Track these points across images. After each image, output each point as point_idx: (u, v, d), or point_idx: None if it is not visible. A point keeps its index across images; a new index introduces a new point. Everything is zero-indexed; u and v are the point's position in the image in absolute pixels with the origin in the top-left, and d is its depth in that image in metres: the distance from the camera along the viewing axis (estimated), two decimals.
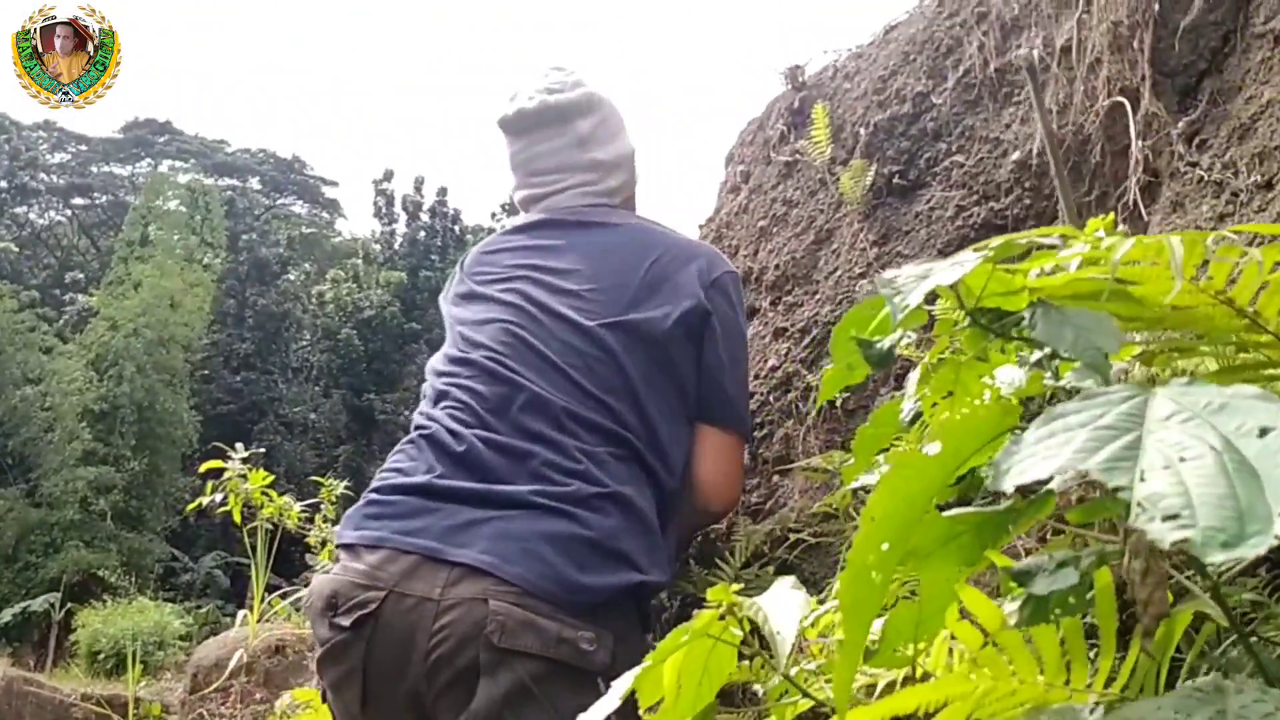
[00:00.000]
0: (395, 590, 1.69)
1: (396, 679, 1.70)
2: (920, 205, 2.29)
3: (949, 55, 2.34)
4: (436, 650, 1.65)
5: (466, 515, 1.73)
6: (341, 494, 6.39)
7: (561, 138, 2.17)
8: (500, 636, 1.61)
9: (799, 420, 2.26)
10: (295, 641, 6.48)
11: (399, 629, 1.68)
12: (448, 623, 1.65)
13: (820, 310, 2.33)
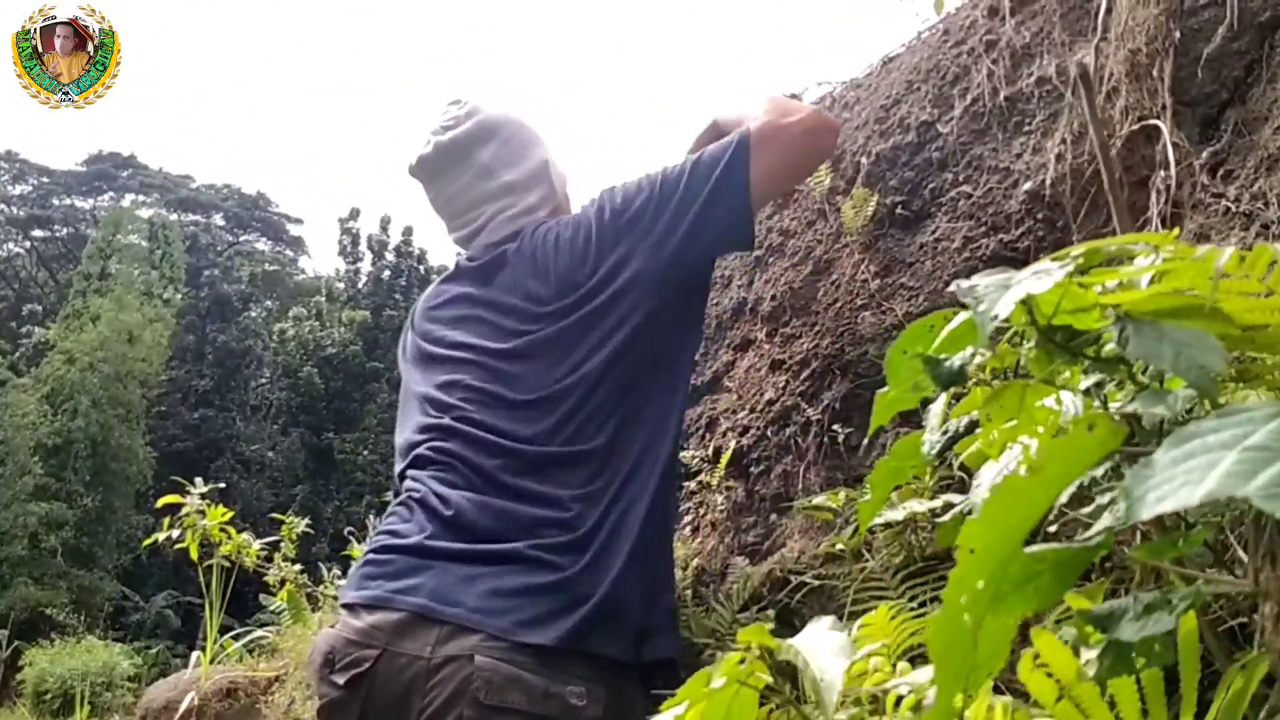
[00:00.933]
0: (389, 649, 1.70)
1: None
2: (925, 236, 2.21)
3: (956, 83, 2.27)
4: (428, 710, 1.65)
5: (459, 573, 1.74)
6: (302, 532, 6.24)
7: (467, 173, 2.17)
8: (486, 693, 1.61)
9: (798, 456, 2.16)
10: (247, 684, 6.29)
11: (393, 689, 1.69)
12: (438, 681, 1.65)
13: (820, 343, 2.24)
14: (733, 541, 2.18)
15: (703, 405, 2.46)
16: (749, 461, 2.25)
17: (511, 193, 2.16)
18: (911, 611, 1.64)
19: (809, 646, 1.02)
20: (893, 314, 2.15)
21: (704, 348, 2.55)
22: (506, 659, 1.64)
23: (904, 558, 1.83)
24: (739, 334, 2.48)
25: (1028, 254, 2.04)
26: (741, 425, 2.31)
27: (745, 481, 2.24)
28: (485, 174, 2.16)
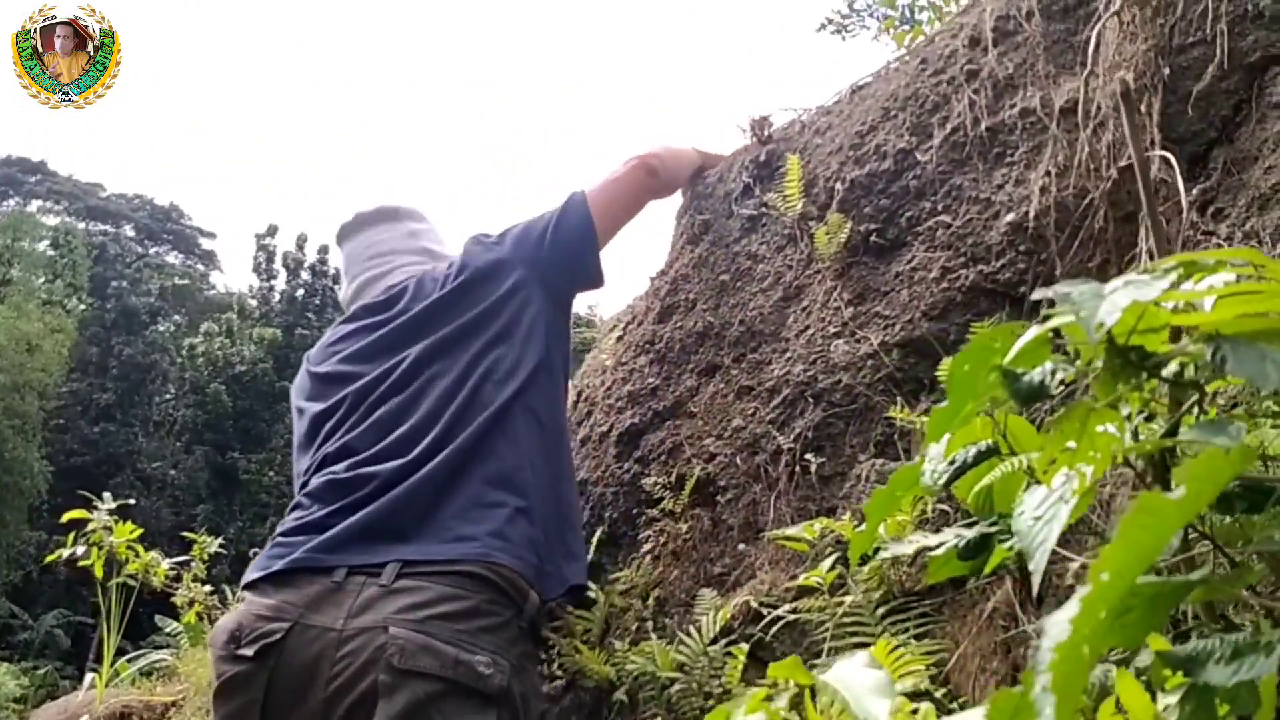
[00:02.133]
0: (300, 622, 1.81)
1: (294, 708, 1.78)
2: (901, 265, 2.17)
3: (935, 112, 2.24)
4: (338, 679, 1.75)
5: (369, 553, 1.89)
6: (215, 552, 6.03)
7: (395, 229, 2.56)
8: (400, 659, 1.73)
9: (768, 485, 2.09)
10: (142, 709, 6.04)
11: (302, 659, 1.78)
12: (349, 651, 1.76)
13: (792, 369, 2.19)
14: (698, 571, 2.11)
15: (664, 430, 2.39)
16: (715, 489, 2.18)
17: (425, 255, 2.52)
18: (907, 648, 1.58)
19: (848, 685, 0.95)
20: (867, 343, 2.11)
21: (666, 372, 2.49)
22: (419, 629, 1.76)
23: (883, 593, 1.78)
24: (704, 359, 2.41)
25: (1008, 286, 2.01)
26: (707, 452, 2.24)
27: (711, 509, 2.17)
28: (411, 235, 2.56)
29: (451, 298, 2.26)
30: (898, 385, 2.05)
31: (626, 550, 2.34)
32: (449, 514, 1.96)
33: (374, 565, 1.87)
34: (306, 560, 1.91)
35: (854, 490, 1.99)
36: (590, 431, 2.60)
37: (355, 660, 1.75)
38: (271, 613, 1.84)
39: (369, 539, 1.92)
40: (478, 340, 2.19)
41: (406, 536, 1.92)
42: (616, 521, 2.39)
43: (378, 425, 2.12)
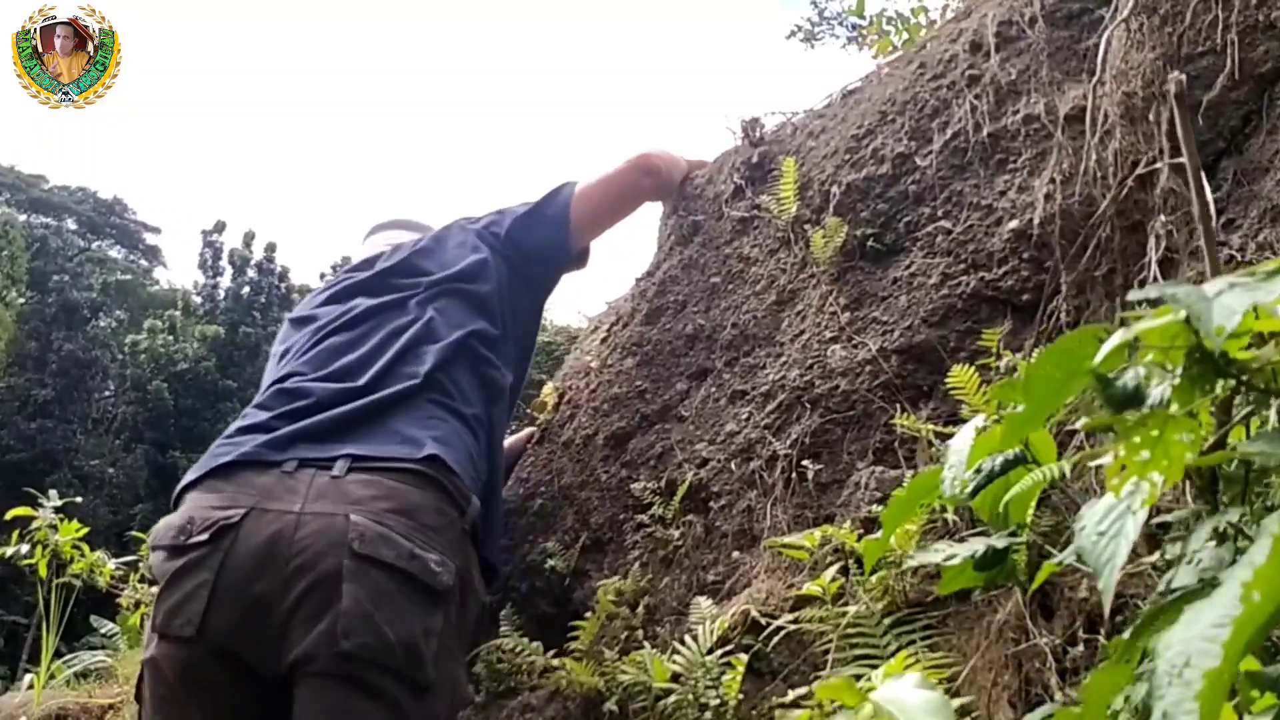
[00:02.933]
0: (256, 507, 1.81)
1: (249, 584, 1.75)
2: (899, 271, 2.14)
3: (935, 117, 2.21)
4: (298, 557, 1.75)
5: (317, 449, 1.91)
6: None
7: (410, 234, 2.62)
8: (360, 544, 1.75)
9: (764, 491, 2.05)
10: (78, 711, 5.88)
11: (259, 539, 1.77)
12: (310, 532, 1.77)
13: (787, 374, 2.15)
14: (691, 579, 2.06)
15: (653, 435, 2.34)
16: (708, 495, 2.14)
17: None
18: (919, 662, 1.55)
19: (902, 706, 0.91)
20: (865, 348, 2.07)
21: (654, 374, 2.44)
22: (377, 520, 1.79)
23: (887, 603, 1.74)
24: (694, 362, 2.37)
25: (1010, 294, 1.99)
26: (699, 457, 2.19)
27: (704, 516, 2.12)
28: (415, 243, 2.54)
29: (417, 256, 2.40)
30: (897, 392, 2.01)
31: (613, 556, 2.29)
32: (395, 423, 2.00)
33: (324, 459, 1.90)
34: (255, 455, 1.92)
35: (852, 498, 1.95)
36: (574, 435, 2.54)
37: (316, 542, 1.76)
38: (225, 502, 1.83)
39: (316, 438, 1.95)
40: (434, 291, 2.28)
41: (353, 437, 1.95)
42: (602, 527, 2.34)
43: (327, 352, 2.19)
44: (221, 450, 1.96)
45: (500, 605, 2.47)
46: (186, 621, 1.73)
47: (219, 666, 1.76)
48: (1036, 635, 1.57)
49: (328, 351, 2.19)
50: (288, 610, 1.74)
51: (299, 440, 1.95)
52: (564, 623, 2.35)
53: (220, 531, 1.78)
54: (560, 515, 2.44)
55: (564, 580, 2.34)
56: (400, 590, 1.77)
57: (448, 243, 2.45)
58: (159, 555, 1.83)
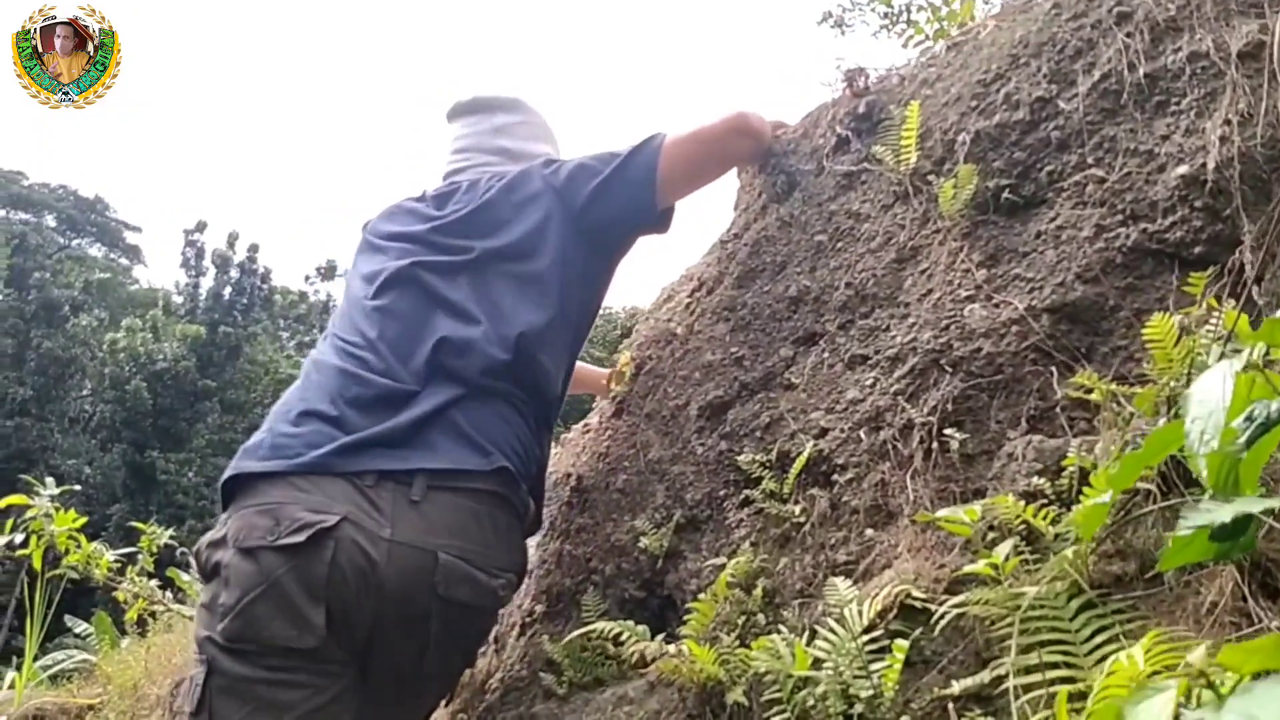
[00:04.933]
0: (348, 519, 1.82)
1: (348, 595, 1.79)
2: (1042, 224, 1.93)
3: (1078, 58, 2.01)
4: (389, 590, 1.82)
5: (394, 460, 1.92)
6: (165, 544, 5.67)
7: (481, 124, 2.55)
8: (444, 587, 1.86)
9: (898, 463, 1.84)
10: (55, 712, 5.65)
11: (357, 553, 1.80)
12: (400, 564, 1.83)
13: (918, 336, 1.94)
14: (816, 559, 1.84)
15: (756, 404, 2.13)
16: (831, 468, 1.92)
17: (501, 155, 2.50)
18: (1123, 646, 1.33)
19: None
20: (1009, 308, 1.87)
21: (755, 340, 2.23)
22: (463, 557, 1.89)
23: (1069, 584, 1.53)
24: (800, 325, 2.16)
25: (1179, 247, 1.79)
26: (817, 426, 1.98)
27: (828, 490, 1.91)
28: (493, 132, 2.53)
29: (477, 213, 2.28)
30: (1048, 355, 1.81)
31: (712, 536, 2.08)
32: (461, 425, 2.00)
33: (401, 473, 1.91)
34: (333, 464, 1.90)
35: (1005, 470, 1.74)
36: (660, 406, 2.33)
37: (403, 577, 1.83)
38: (314, 506, 1.83)
39: (390, 445, 1.94)
40: (485, 266, 2.20)
41: (424, 445, 1.96)
42: (699, 504, 2.12)
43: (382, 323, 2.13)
44: (287, 444, 1.94)
45: (579, 590, 2.26)
46: (304, 634, 1.77)
47: (328, 668, 1.81)
48: (1264, 618, 1.36)
49: (383, 322, 2.14)
50: (376, 631, 1.84)
51: (374, 446, 1.93)
52: (653, 607, 2.14)
53: (318, 536, 1.79)
54: (648, 492, 2.23)
55: (655, 562, 2.13)
56: (473, 620, 1.99)
57: (515, 195, 2.28)
58: (236, 554, 1.81)
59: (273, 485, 1.87)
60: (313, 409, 1.99)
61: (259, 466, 1.91)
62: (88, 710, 5.81)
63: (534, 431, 2.12)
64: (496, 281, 2.17)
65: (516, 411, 2.08)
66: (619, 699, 1.95)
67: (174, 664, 5.67)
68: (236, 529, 1.84)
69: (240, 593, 1.77)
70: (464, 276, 2.17)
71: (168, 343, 29.61)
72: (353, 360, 2.07)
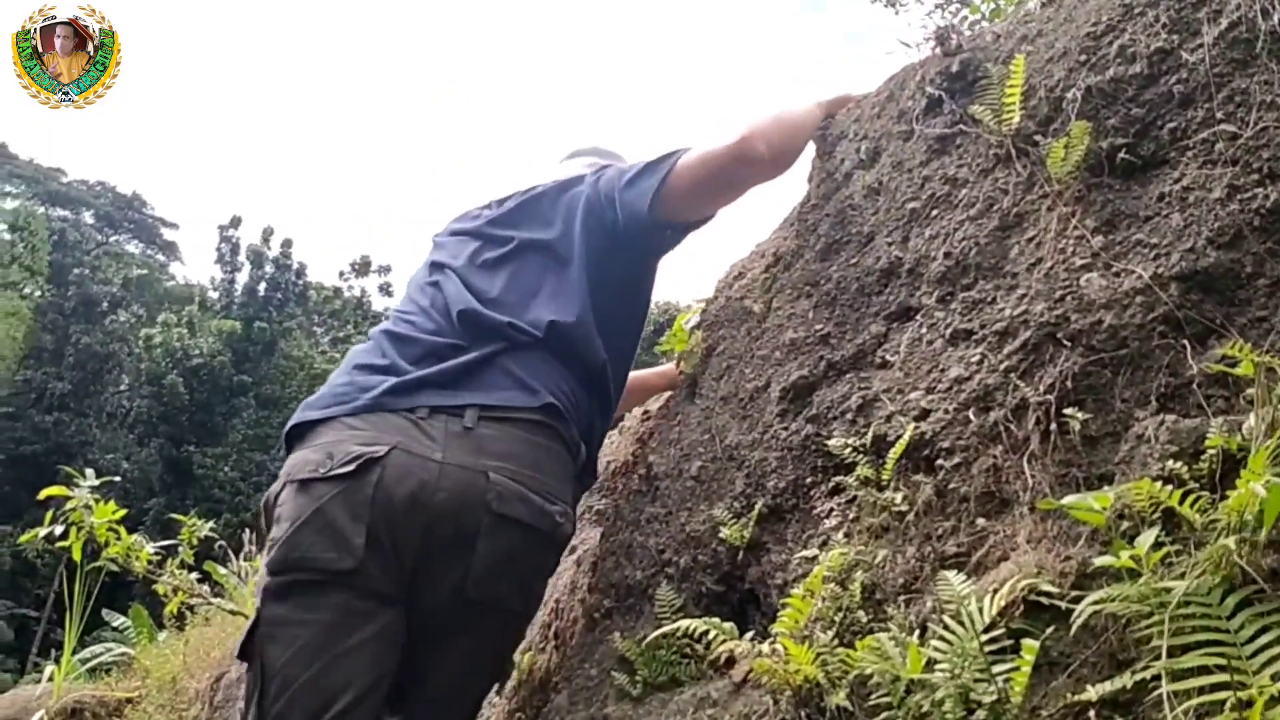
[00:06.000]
0: (399, 447, 1.88)
1: (396, 521, 1.84)
2: (1165, 185, 1.76)
3: (1201, 6, 1.84)
4: (440, 506, 1.85)
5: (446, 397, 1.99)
6: (206, 536, 5.58)
7: (579, 162, 2.62)
8: (498, 503, 1.88)
9: (1012, 446, 1.67)
10: (95, 704, 5.59)
11: (406, 478, 1.86)
12: (450, 484, 1.87)
13: (1030, 308, 1.77)
14: (921, 551, 1.68)
15: (845, 384, 1.97)
16: (935, 452, 1.76)
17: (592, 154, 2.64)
18: None
19: None
20: (1132, 276, 1.70)
21: (842, 316, 2.07)
22: (514, 478, 1.92)
23: (1222, 578, 1.36)
24: (893, 300, 2.00)
25: None
26: (917, 408, 1.82)
27: (932, 476, 1.74)
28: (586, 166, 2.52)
29: (526, 205, 2.36)
30: (1179, 327, 1.64)
31: (798, 526, 1.92)
32: (511, 369, 2.06)
33: (453, 406, 1.97)
34: (383, 402, 1.97)
35: (1135, 453, 1.57)
36: (736, 388, 2.18)
37: (455, 494, 1.86)
38: (366, 439, 1.90)
39: (441, 385, 2.01)
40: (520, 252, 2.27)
41: (475, 385, 2.03)
42: (783, 492, 1.97)
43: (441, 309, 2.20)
44: (344, 391, 2.03)
45: (651, 583, 2.11)
46: (343, 554, 1.81)
47: (370, 597, 1.84)
48: None
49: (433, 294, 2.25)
50: (424, 554, 1.86)
51: (426, 386, 2.01)
52: (733, 602, 1.99)
53: (366, 464, 1.85)
54: (726, 479, 2.08)
55: (736, 554, 1.98)
56: (527, 544, 1.93)
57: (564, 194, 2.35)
58: (291, 486, 1.90)
59: (328, 428, 1.96)
60: (365, 363, 2.10)
61: (317, 414, 2.00)
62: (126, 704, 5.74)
63: (583, 385, 2.16)
64: (532, 271, 2.24)
65: (561, 363, 2.12)
66: (700, 701, 1.80)
67: (213, 658, 5.59)
68: (291, 465, 1.95)
69: (289, 523, 1.85)
70: (506, 266, 2.25)
71: (203, 338, 29.75)
72: (404, 324, 2.18)
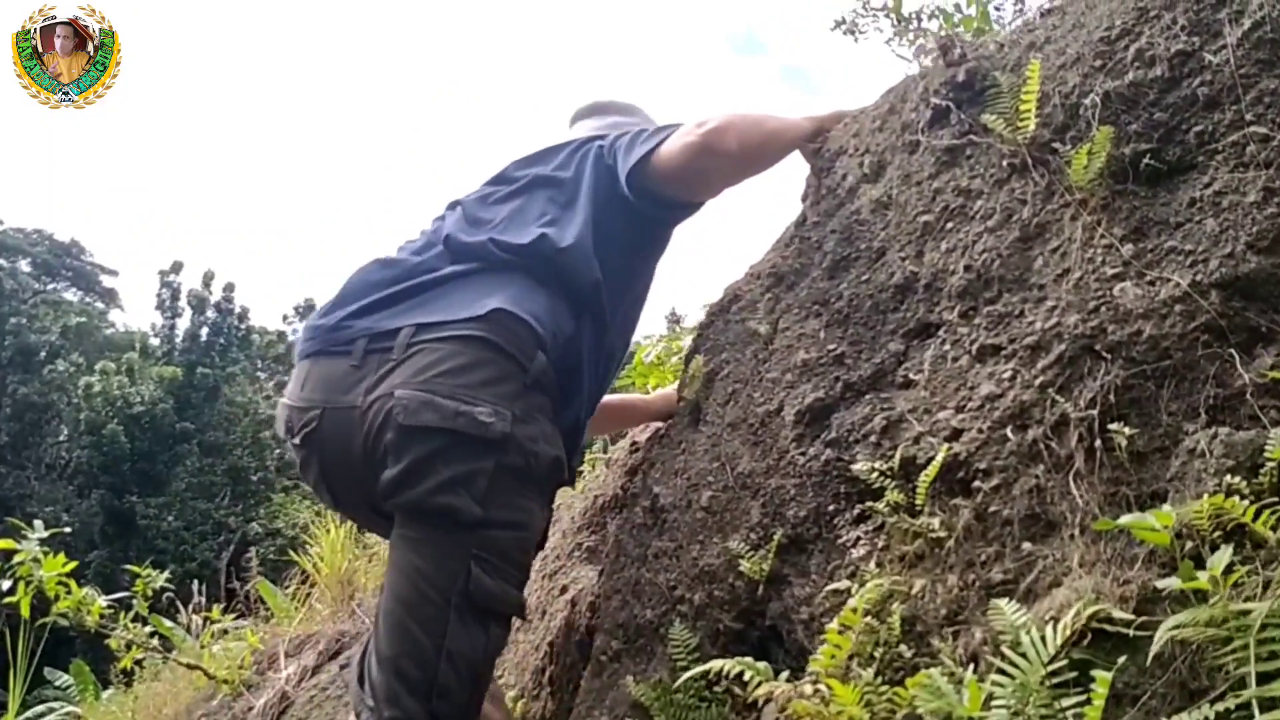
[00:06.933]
0: (328, 407, 2.03)
1: (346, 474, 2.04)
2: (1195, 190, 1.70)
3: (1221, 6, 1.78)
4: (366, 445, 1.96)
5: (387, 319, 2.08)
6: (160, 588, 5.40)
7: (598, 121, 2.62)
8: (404, 416, 1.91)
9: (1055, 465, 1.59)
10: None
11: (336, 438, 2.02)
12: (369, 420, 1.96)
13: (1063, 320, 1.69)
14: (963, 579, 1.59)
15: (865, 405, 1.88)
16: (970, 473, 1.67)
17: None
18: None
19: None
20: (1169, 284, 1.62)
21: (856, 334, 1.98)
22: (422, 388, 1.94)
23: None
24: (910, 316, 1.92)
25: None
26: (947, 427, 1.73)
27: (970, 499, 1.65)
28: (610, 126, 2.54)
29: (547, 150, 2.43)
30: (1222, 335, 1.56)
31: (822, 556, 1.82)
32: (471, 287, 2.11)
33: (388, 330, 2.04)
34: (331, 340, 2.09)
35: (1188, 469, 1.49)
36: (745, 413, 2.08)
37: (373, 426, 1.95)
38: (305, 403, 2.07)
39: (388, 307, 2.10)
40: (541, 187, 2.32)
41: (428, 303, 2.09)
42: (803, 521, 1.87)
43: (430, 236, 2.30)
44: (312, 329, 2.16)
45: (662, 622, 1.99)
46: (328, 501, 2.21)
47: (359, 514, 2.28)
48: None
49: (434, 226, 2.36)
50: (369, 473, 1.97)
51: (372, 312, 2.10)
52: (753, 640, 1.89)
53: (307, 438, 2.05)
54: (740, 509, 1.98)
55: (755, 588, 1.87)
56: (450, 448, 1.90)
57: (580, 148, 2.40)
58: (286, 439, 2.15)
59: (298, 370, 2.15)
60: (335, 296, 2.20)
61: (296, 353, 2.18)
62: None
63: (565, 305, 2.15)
64: (537, 203, 2.28)
65: (538, 282, 2.13)
66: None
67: (164, 715, 5.38)
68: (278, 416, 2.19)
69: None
70: (513, 200, 2.30)
71: (144, 385, 29.14)
72: (398, 250, 2.30)
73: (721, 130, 2.20)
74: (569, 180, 2.29)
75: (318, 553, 5.62)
